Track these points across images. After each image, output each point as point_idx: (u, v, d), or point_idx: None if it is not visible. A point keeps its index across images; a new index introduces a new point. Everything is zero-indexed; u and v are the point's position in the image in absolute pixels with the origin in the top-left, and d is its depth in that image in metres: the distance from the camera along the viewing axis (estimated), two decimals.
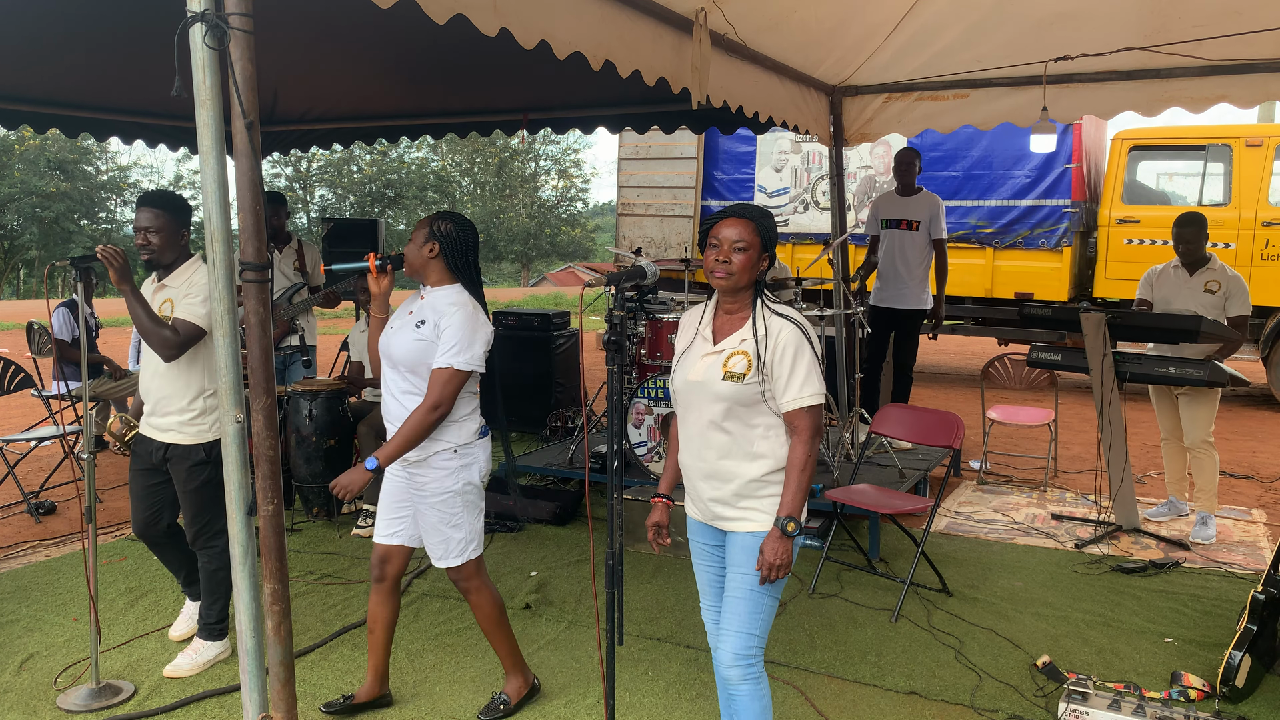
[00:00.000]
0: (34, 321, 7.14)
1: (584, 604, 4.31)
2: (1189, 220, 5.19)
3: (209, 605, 3.73)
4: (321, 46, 5.36)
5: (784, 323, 2.54)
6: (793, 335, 2.52)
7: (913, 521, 5.40)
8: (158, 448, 3.65)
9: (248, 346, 2.36)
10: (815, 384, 2.53)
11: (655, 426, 5.33)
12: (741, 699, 2.60)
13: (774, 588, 2.59)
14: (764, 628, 2.60)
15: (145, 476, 3.72)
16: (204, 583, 3.73)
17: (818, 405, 2.53)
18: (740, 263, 2.54)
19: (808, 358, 2.52)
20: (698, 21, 4.27)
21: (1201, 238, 5.19)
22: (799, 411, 2.52)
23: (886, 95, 6.37)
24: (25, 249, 33.64)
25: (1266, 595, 3.42)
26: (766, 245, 2.57)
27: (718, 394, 2.56)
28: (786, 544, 2.50)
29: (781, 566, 2.50)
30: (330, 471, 5.33)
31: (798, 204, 10.47)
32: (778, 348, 2.52)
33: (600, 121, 7.02)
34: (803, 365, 2.51)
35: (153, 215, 3.53)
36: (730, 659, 2.57)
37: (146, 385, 3.65)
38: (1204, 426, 5.22)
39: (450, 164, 42.72)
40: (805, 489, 2.52)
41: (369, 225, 8.54)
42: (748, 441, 2.56)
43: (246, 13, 2.23)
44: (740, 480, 2.57)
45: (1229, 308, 5.15)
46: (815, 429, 2.53)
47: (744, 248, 2.54)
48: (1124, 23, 4.95)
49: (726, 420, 2.57)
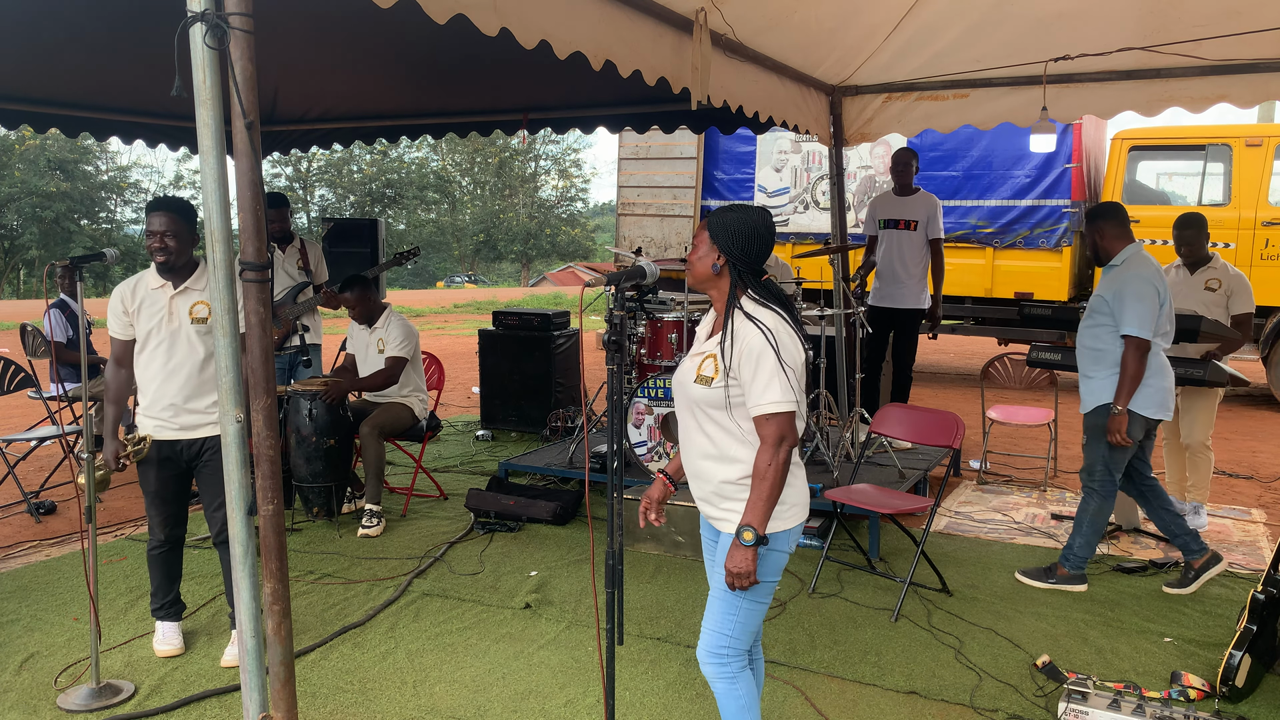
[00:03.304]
0: (27, 324, 7.13)
1: (584, 604, 4.31)
2: (1189, 221, 5.20)
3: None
4: (321, 46, 5.36)
5: (751, 328, 2.47)
6: (756, 341, 2.45)
7: (913, 521, 5.40)
8: (188, 445, 3.69)
9: (247, 346, 2.36)
10: (776, 392, 2.43)
11: (655, 426, 5.33)
12: (717, 695, 2.65)
13: (751, 593, 2.55)
14: (738, 629, 2.58)
15: (173, 481, 3.76)
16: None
17: (778, 413, 2.44)
18: (691, 257, 2.59)
19: (770, 364, 2.43)
20: (698, 21, 4.27)
21: (1202, 238, 5.20)
22: (760, 418, 2.46)
23: (886, 95, 6.37)
24: (25, 249, 33.65)
25: (1266, 595, 3.42)
26: (717, 241, 2.52)
27: (690, 396, 2.58)
28: (744, 553, 2.43)
29: (741, 576, 2.44)
30: (330, 471, 5.33)
31: (798, 204, 10.47)
32: (741, 353, 2.47)
33: (600, 121, 7.02)
34: (764, 372, 2.43)
35: (168, 220, 3.56)
36: (703, 654, 2.62)
37: (161, 389, 3.66)
38: (1204, 428, 5.22)
39: (450, 164, 42.74)
40: (766, 498, 2.44)
41: (369, 225, 8.55)
42: (724, 444, 2.55)
43: (246, 13, 2.23)
44: (716, 481, 2.57)
45: (1232, 305, 5.15)
46: (777, 437, 2.44)
47: (697, 244, 2.58)
48: (1124, 23, 4.95)
49: (703, 422, 2.58)
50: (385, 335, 5.59)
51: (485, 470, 6.70)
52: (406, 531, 5.35)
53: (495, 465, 6.60)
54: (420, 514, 5.70)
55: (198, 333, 3.64)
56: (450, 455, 7.23)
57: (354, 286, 5.65)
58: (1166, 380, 4.36)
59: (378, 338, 5.61)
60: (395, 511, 5.70)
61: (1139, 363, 4.21)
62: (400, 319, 5.66)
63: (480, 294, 31.96)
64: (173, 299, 3.63)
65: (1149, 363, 4.26)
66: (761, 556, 2.52)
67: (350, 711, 3.37)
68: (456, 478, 6.53)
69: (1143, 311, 4.20)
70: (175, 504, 3.80)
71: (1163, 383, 4.33)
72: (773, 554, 2.55)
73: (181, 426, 3.68)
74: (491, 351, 7.93)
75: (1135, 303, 4.20)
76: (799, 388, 2.50)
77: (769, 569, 2.56)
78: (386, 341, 5.57)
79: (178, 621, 3.90)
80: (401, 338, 5.56)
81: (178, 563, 3.90)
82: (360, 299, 5.63)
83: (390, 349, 5.55)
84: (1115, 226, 4.42)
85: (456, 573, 4.70)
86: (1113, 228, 4.42)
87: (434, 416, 5.87)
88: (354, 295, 5.63)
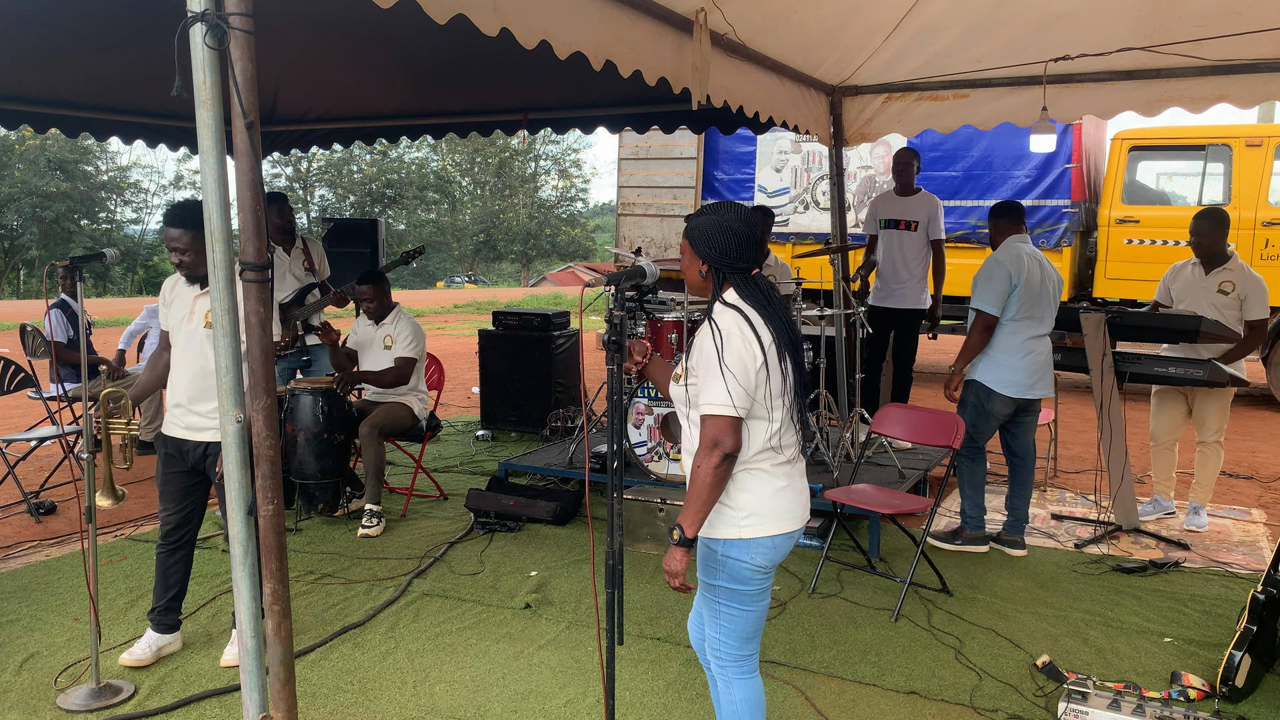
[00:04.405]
0: (26, 324, 7.13)
1: (584, 604, 4.31)
2: (1205, 214, 5.15)
3: None
4: (322, 46, 5.36)
5: (709, 328, 2.46)
6: (709, 342, 2.43)
7: (913, 521, 5.40)
8: (194, 447, 3.69)
9: (247, 346, 2.36)
10: (714, 393, 2.39)
11: (655, 426, 5.33)
12: (714, 687, 2.70)
13: (728, 599, 2.55)
14: (725, 633, 2.59)
15: (182, 478, 3.76)
16: None
17: (713, 415, 2.40)
18: (682, 267, 2.62)
19: (715, 366, 2.40)
20: (698, 21, 4.27)
21: (1217, 233, 5.11)
22: (701, 419, 2.44)
23: (886, 95, 6.37)
24: (25, 249, 33.66)
25: (1266, 595, 3.41)
26: (696, 248, 2.52)
27: (674, 393, 2.64)
28: (673, 552, 2.45)
29: (670, 575, 2.46)
30: (339, 467, 5.35)
31: (798, 204, 10.47)
32: (696, 352, 2.49)
33: (600, 121, 7.02)
34: (710, 373, 2.41)
35: (179, 234, 3.56)
36: (708, 649, 2.67)
37: (173, 386, 3.70)
38: (1216, 427, 5.23)
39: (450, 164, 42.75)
40: (694, 500, 2.42)
41: (369, 225, 8.55)
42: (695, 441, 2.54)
43: (246, 13, 2.23)
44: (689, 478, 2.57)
45: (1246, 310, 5.08)
46: (710, 440, 2.39)
47: (682, 253, 2.62)
48: (1124, 23, 4.95)
49: (685, 419, 2.62)
50: (394, 333, 5.66)
51: (485, 470, 6.70)
52: (406, 531, 5.35)
53: (495, 465, 6.60)
54: (420, 514, 5.70)
55: (209, 337, 3.64)
56: (450, 455, 7.23)
57: (373, 281, 5.74)
58: (1028, 361, 4.75)
59: (385, 334, 5.67)
60: (395, 511, 5.70)
61: (979, 335, 4.75)
62: (410, 319, 5.74)
63: (480, 294, 31.98)
64: (196, 299, 3.68)
65: (1008, 343, 4.74)
66: (720, 563, 2.51)
67: (350, 711, 3.37)
68: (456, 478, 6.53)
69: (986, 289, 4.71)
70: (177, 503, 3.76)
71: (1022, 363, 4.74)
72: (731, 563, 2.50)
73: (187, 427, 3.70)
74: (491, 351, 7.93)
75: (983, 280, 4.74)
76: (746, 391, 2.41)
77: (731, 576, 2.51)
78: (396, 339, 5.63)
79: (164, 634, 3.80)
80: (411, 337, 5.65)
81: (179, 570, 3.81)
82: (377, 294, 5.72)
83: (399, 348, 5.60)
84: (1009, 223, 4.86)
85: (456, 573, 4.70)
86: (1006, 224, 4.86)
87: (434, 416, 5.87)
88: (372, 290, 5.71)
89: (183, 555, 3.82)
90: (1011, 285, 4.66)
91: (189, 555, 3.84)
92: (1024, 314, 4.71)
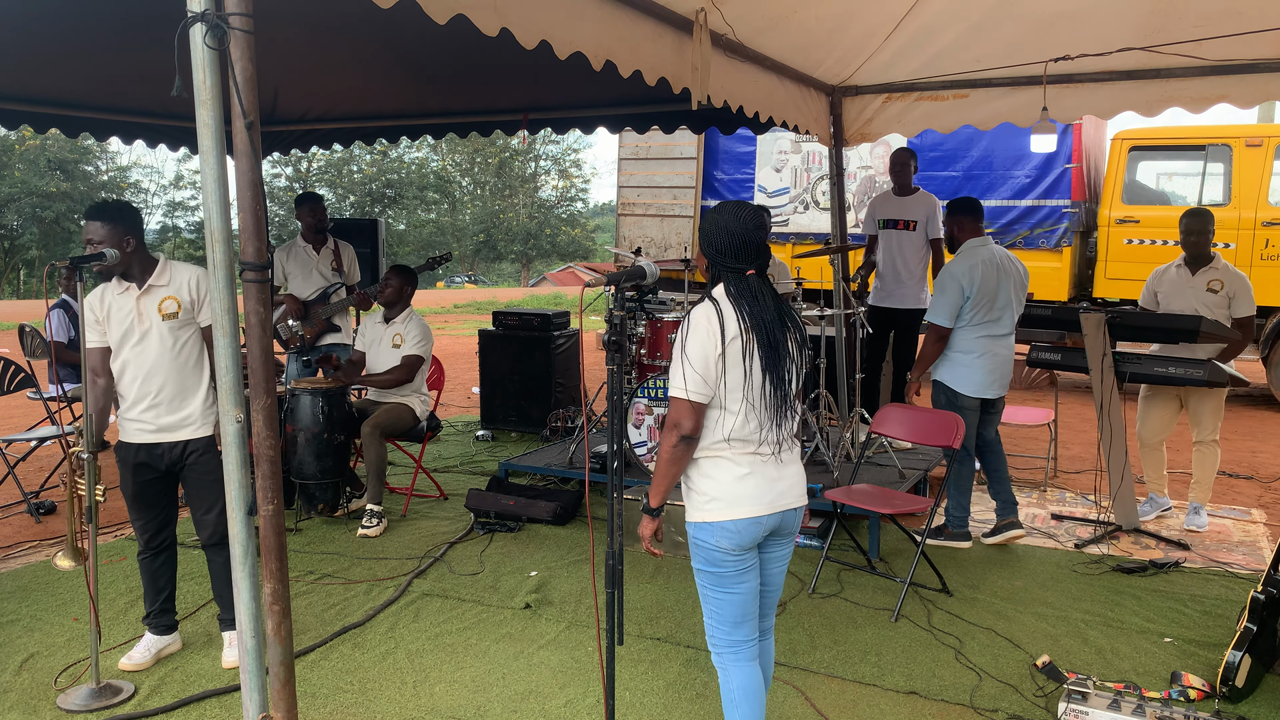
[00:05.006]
0: (25, 324, 7.12)
1: (584, 604, 4.31)
2: (1196, 213, 5.23)
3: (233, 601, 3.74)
4: (321, 46, 5.36)
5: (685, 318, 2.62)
6: (681, 330, 2.60)
7: (913, 521, 5.40)
8: (169, 449, 3.64)
9: (247, 346, 2.36)
10: (675, 377, 2.55)
11: (655, 426, 5.33)
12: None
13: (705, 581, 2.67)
14: (711, 618, 2.71)
15: (155, 485, 3.70)
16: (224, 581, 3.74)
17: (673, 398, 2.55)
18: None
19: (678, 353, 2.56)
20: (698, 22, 4.27)
21: (1209, 231, 5.18)
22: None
23: (886, 95, 6.37)
24: (25, 249, 33.64)
25: (1266, 595, 3.42)
26: (700, 246, 2.70)
27: None
28: (643, 520, 2.68)
29: (640, 539, 2.68)
30: (339, 467, 5.36)
31: (798, 204, 10.47)
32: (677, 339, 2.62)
33: (600, 121, 7.02)
34: (675, 359, 2.57)
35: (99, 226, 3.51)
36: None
37: (141, 390, 3.59)
38: (1211, 426, 5.24)
39: (450, 164, 42.71)
40: (658, 476, 2.59)
41: (369, 225, 8.55)
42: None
43: (246, 13, 2.23)
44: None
45: (1234, 308, 5.14)
46: (670, 421, 2.55)
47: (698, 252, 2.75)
48: (1124, 23, 4.95)
49: None
50: (404, 331, 5.69)
51: (485, 470, 6.70)
52: (406, 531, 5.35)
53: (495, 465, 6.60)
54: (420, 514, 5.70)
55: (170, 329, 3.58)
56: (450, 455, 7.23)
57: (400, 274, 5.81)
58: (984, 362, 4.86)
59: (395, 333, 5.70)
60: (395, 511, 5.70)
61: (932, 345, 4.91)
62: (420, 320, 5.79)
63: (480, 294, 31.96)
64: (139, 300, 3.57)
65: (965, 345, 4.86)
66: (695, 547, 2.66)
67: (350, 711, 3.37)
68: (456, 478, 6.53)
69: (940, 302, 4.85)
70: (155, 509, 3.73)
71: (979, 363, 4.85)
72: (699, 545, 2.64)
73: (160, 428, 3.61)
74: (491, 352, 7.93)
75: (938, 294, 4.88)
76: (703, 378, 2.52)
77: (703, 559, 2.65)
78: (405, 337, 5.67)
79: (162, 635, 3.81)
80: (420, 337, 5.69)
81: (166, 571, 3.81)
82: (401, 287, 5.79)
83: (408, 346, 5.64)
84: (970, 220, 4.90)
85: (456, 573, 4.70)
86: (968, 221, 4.90)
87: (434, 417, 5.88)
88: (398, 279, 5.79)
89: (166, 557, 3.81)
90: (964, 296, 4.80)
91: (173, 556, 3.84)
92: (979, 319, 4.83)
